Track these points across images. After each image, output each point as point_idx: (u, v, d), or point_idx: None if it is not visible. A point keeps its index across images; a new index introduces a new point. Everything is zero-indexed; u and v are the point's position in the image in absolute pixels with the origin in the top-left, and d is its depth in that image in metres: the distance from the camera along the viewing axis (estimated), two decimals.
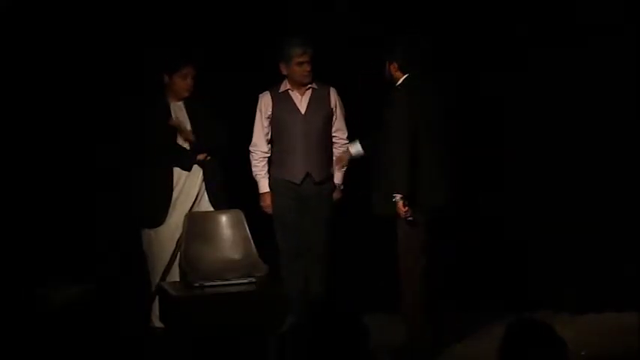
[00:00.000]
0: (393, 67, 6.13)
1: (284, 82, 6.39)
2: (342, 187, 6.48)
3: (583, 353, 5.78)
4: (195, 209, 6.21)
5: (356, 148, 6.27)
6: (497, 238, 6.86)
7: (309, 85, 6.37)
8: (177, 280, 5.99)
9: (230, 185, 6.35)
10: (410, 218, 5.90)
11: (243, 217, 6.17)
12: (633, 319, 6.25)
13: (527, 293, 6.74)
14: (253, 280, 5.75)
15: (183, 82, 6.18)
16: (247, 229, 6.11)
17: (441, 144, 6.13)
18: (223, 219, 6.16)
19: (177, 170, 6.20)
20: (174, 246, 6.11)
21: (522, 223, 6.86)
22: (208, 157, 6.20)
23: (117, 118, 6.36)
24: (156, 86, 6.21)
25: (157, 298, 5.99)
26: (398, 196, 5.90)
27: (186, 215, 6.13)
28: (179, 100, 6.24)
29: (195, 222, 6.12)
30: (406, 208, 5.89)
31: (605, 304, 6.73)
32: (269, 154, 6.43)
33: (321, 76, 6.43)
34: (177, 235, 6.11)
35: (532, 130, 6.87)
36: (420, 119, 6.01)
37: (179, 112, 6.25)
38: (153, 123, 6.17)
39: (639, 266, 6.63)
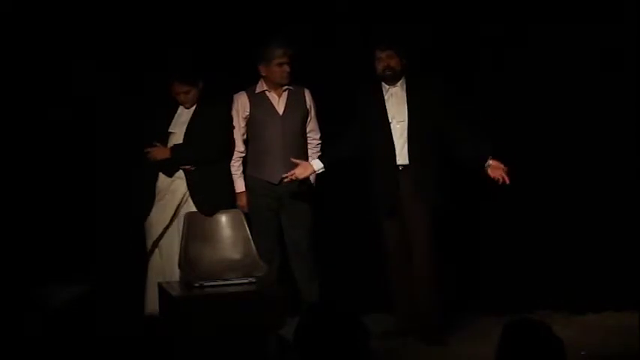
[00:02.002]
0: (404, 64, 6.17)
1: (260, 83, 6.39)
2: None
3: (583, 353, 5.78)
4: (180, 210, 6.24)
5: (318, 165, 6.27)
6: (496, 237, 6.86)
7: (286, 87, 6.38)
8: (177, 280, 6.00)
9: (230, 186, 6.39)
10: None
11: (243, 217, 6.19)
12: (633, 319, 6.25)
13: (527, 293, 6.74)
14: (253, 280, 5.76)
15: (176, 97, 6.27)
16: (247, 229, 6.13)
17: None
18: (223, 219, 6.18)
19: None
20: (151, 243, 6.23)
21: (522, 222, 6.86)
22: (192, 168, 6.23)
23: (118, 118, 6.40)
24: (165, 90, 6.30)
25: (149, 290, 6.15)
26: None
27: (186, 215, 6.15)
28: (188, 108, 6.32)
29: (196, 222, 6.13)
30: None
31: (605, 304, 6.74)
32: (244, 154, 6.43)
33: (320, 77, 6.49)
34: (157, 234, 6.23)
35: (533, 130, 6.87)
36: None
37: (180, 119, 6.30)
38: (150, 125, 6.29)
39: (639, 266, 6.64)
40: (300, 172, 6.22)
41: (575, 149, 6.85)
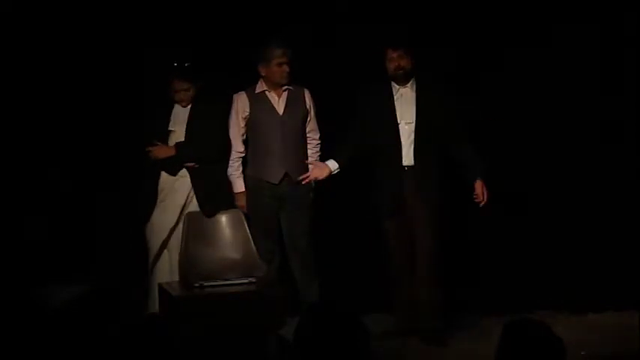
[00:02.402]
0: (414, 63, 6.19)
1: (259, 83, 6.39)
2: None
3: (583, 353, 5.78)
4: (186, 210, 6.23)
5: (334, 166, 6.25)
6: (497, 238, 6.85)
7: (285, 87, 6.38)
8: (177, 280, 6.00)
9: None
10: None
11: (243, 217, 6.20)
12: (633, 319, 6.25)
13: (527, 293, 6.74)
14: (253, 280, 5.77)
15: (176, 94, 6.26)
16: (247, 229, 6.13)
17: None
18: (223, 219, 6.19)
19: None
20: (160, 243, 6.19)
21: (522, 223, 6.86)
22: (196, 165, 6.23)
23: (119, 118, 6.42)
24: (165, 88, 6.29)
25: (151, 290, 6.12)
26: None
27: (186, 215, 6.16)
28: (185, 106, 6.30)
29: (196, 222, 6.13)
30: None
31: (605, 304, 6.73)
32: (244, 154, 6.43)
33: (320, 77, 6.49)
34: (165, 234, 6.19)
35: (533, 131, 6.87)
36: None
37: (178, 117, 6.29)
38: (150, 124, 6.29)
39: (639, 266, 6.63)
40: (317, 174, 6.22)
41: (576, 149, 6.85)
